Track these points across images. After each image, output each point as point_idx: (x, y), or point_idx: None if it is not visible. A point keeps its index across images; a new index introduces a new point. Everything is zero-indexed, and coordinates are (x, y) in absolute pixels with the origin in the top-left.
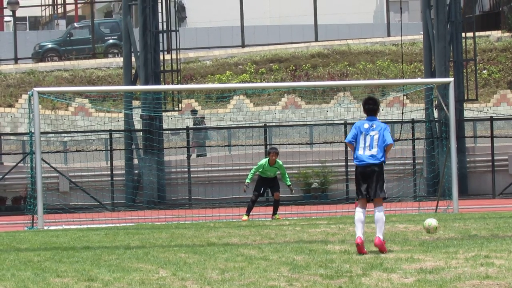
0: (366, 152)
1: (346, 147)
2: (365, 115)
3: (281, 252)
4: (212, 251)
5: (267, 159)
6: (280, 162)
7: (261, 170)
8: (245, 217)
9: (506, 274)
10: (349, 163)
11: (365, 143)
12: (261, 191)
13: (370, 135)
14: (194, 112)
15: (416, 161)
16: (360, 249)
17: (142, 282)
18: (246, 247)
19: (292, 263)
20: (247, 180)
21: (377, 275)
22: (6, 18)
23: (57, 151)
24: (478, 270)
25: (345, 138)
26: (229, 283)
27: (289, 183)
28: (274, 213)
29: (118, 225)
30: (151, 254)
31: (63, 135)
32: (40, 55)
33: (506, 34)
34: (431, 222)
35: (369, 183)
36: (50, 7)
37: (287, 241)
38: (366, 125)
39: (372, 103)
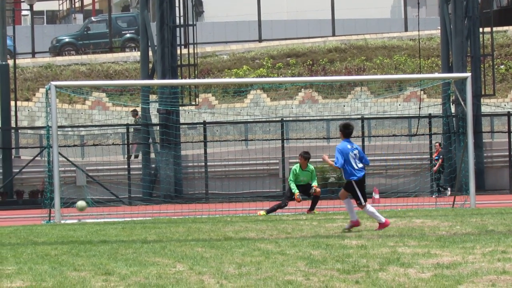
0: (357, 166)
1: (363, 141)
2: (342, 138)
3: (298, 247)
4: (229, 245)
5: (298, 164)
6: (312, 167)
7: (294, 176)
8: (262, 212)
9: None
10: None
11: (355, 160)
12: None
13: (354, 153)
14: (134, 112)
15: (433, 156)
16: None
17: (159, 276)
18: (263, 241)
19: (309, 258)
20: (296, 191)
21: (394, 270)
22: (23, 12)
23: (74, 145)
24: (495, 265)
25: (336, 162)
26: (246, 277)
27: (315, 183)
28: (312, 208)
29: (135, 219)
30: (168, 248)
31: (80, 129)
32: (58, 49)
33: None
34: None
35: (363, 188)
36: (68, 1)
37: (304, 236)
38: (349, 146)
39: (351, 128)
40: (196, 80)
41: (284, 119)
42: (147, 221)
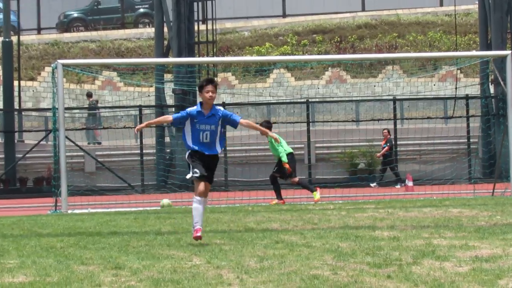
0: None
1: (395, 124)
2: None
3: (325, 239)
4: (250, 237)
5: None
6: (270, 138)
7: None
8: (274, 202)
9: None
10: (398, 142)
11: None
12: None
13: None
14: (88, 94)
15: (471, 140)
16: None
17: (174, 271)
18: (287, 233)
19: (336, 251)
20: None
21: (429, 264)
22: None
23: (83, 128)
24: None
25: None
26: (268, 271)
27: (284, 158)
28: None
29: (148, 208)
30: (184, 240)
31: (99, 110)
32: (65, 25)
33: None
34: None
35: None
36: None
37: (331, 227)
38: None
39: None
40: (215, 58)
41: (310, 100)
42: (161, 211)
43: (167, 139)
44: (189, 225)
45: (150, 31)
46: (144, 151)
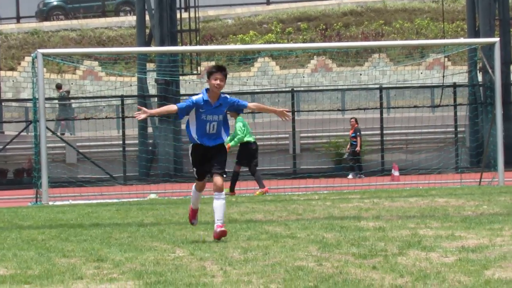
0: None
1: (381, 113)
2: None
3: (310, 230)
4: (234, 228)
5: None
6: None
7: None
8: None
9: None
10: (384, 132)
11: None
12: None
13: None
14: (58, 85)
15: (458, 129)
16: None
17: (157, 263)
18: (271, 223)
19: (321, 241)
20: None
21: (415, 254)
22: None
23: (64, 119)
24: None
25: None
26: (252, 263)
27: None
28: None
29: (130, 200)
30: (167, 232)
31: (70, 101)
32: (45, 13)
33: None
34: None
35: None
36: None
37: (316, 217)
38: None
39: None
40: (198, 47)
41: (295, 89)
42: (143, 202)
43: (150, 130)
44: (172, 216)
45: (131, 19)
46: (126, 142)
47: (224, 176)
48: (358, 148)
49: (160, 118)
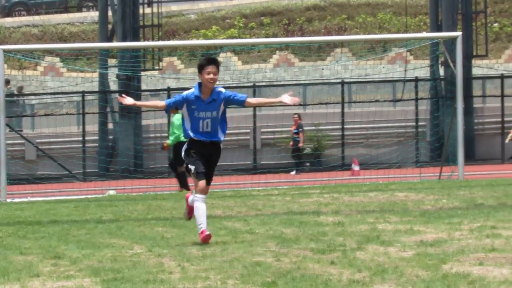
0: None
1: (343, 107)
2: None
3: (269, 225)
4: (193, 224)
5: None
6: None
7: None
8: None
9: None
10: (345, 126)
11: None
12: None
13: None
14: (6, 81)
15: (419, 123)
16: None
17: (115, 259)
18: (230, 219)
19: (280, 237)
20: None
21: (373, 249)
22: None
23: (23, 115)
24: (484, 242)
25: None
26: (211, 259)
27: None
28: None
29: (89, 196)
30: (125, 229)
31: (30, 97)
32: (7, 9)
33: None
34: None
35: None
36: None
37: (275, 213)
38: None
39: None
40: (160, 43)
41: (257, 84)
42: (102, 199)
43: (110, 126)
44: (130, 212)
45: (94, 15)
46: (86, 138)
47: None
48: (301, 144)
49: (121, 114)
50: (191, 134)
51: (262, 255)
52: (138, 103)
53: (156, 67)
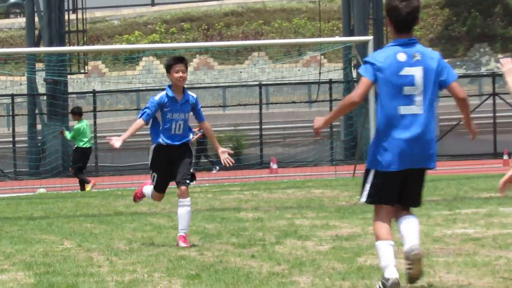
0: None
1: (261, 109)
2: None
3: (192, 221)
4: (120, 220)
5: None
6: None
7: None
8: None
9: (425, 239)
10: (263, 126)
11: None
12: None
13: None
14: None
15: (333, 123)
16: None
17: (46, 254)
18: (155, 216)
19: (203, 232)
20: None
21: (292, 243)
22: None
23: None
24: (395, 236)
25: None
26: (137, 253)
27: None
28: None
29: (20, 194)
30: (55, 225)
31: None
32: None
33: None
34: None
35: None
36: None
37: (198, 209)
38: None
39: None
40: (85, 47)
41: None
42: (33, 197)
43: (39, 127)
44: (60, 209)
45: (21, 21)
46: (16, 138)
47: (190, 183)
48: (192, 140)
49: (49, 116)
50: (161, 138)
51: (186, 250)
52: (125, 136)
53: (82, 71)
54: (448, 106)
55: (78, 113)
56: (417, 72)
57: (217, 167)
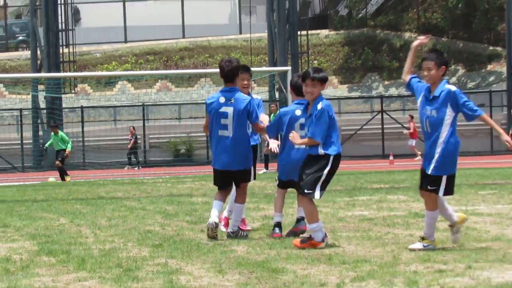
0: None
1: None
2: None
3: (156, 204)
4: (102, 203)
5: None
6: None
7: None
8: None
9: (331, 219)
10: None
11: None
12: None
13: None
14: None
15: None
16: None
17: (46, 228)
18: (128, 199)
19: (164, 212)
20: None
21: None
22: None
23: None
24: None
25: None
26: (115, 228)
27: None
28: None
29: (27, 183)
30: (53, 206)
31: None
32: None
33: (332, 32)
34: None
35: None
36: None
37: (160, 195)
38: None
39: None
40: (75, 74)
41: (145, 104)
42: (37, 184)
43: (41, 133)
44: (56, 194)
45: (27, 53)
46: (23, 141)
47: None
48: (129, 146)
49: (48, 124)
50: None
51: (152, 225)
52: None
53: (73, 91)
54: (349, 120)
55: (56, 126)
56: None
57: (140, 167)
